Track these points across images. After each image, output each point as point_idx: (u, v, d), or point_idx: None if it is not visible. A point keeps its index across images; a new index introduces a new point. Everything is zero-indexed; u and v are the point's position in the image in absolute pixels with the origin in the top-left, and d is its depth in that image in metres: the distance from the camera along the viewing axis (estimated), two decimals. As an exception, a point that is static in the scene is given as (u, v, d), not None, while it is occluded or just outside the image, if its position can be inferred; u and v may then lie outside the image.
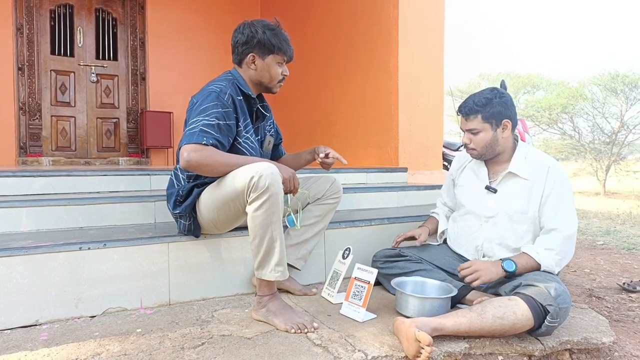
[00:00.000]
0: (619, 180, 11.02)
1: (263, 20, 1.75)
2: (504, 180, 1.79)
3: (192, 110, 1.66)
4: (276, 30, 1.74)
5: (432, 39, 3.71)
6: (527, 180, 1.74)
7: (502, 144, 1.78)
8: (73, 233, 1.89)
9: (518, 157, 1.78)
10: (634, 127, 11.17)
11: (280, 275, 1.59)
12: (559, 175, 1.71)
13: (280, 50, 1.75)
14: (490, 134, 1.75)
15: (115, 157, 5.14)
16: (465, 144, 1.81)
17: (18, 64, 4.65)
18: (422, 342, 1.30)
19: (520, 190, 1.75)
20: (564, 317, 1.47)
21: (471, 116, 1.76)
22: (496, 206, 1.79)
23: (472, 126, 1.76)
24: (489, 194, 1.81)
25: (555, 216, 1.68)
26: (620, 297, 2.32)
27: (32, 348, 1.38)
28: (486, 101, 1.74)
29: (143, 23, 5.23)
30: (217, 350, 1.37)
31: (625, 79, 10.98)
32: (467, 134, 1.79)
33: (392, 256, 1.96)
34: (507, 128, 1.76)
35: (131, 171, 2.50)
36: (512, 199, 1.76)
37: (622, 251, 3.53)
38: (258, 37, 1.71)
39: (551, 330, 1.48)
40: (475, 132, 1.76)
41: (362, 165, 3.81)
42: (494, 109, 1.74)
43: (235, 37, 1.76)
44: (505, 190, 1.78)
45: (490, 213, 1.80)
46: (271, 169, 1.53)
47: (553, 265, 1.64)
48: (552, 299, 1.44)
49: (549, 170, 1.72)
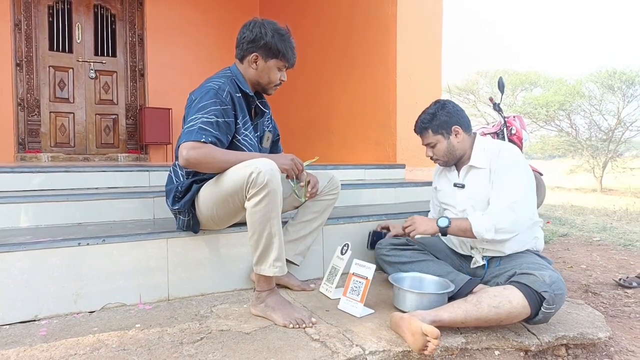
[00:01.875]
0: (615, 177, 11.03)
1: (274, 23, 1.75)
2: (467, 175, 1.87)
3: (191, 107, 1.66)
4: (285, 36, 1.74)
5: (430, 35, 3.71)
6: (484, 168, 1.81)
7: (460, 147, 1.87)
8: (72, 229, 1.90)
9: (477, 150, 1.86)
10: (630, 124, 11.18)
11: (278, 271, 1.60)
12: (507, 155, 1.77)
13: (284, 57, 1.75)
14: (445, 143, 1.87)
15: (114, 154, 5.14)
16: (430, 157, 1.94)
17: (16, 60, 4.64)
18: (430, 335, 1.31)
19: (481, 180, 1.82)
20: (559, 304, 1.48)
21: (423, 133, 1.91)
22: (465, 200, 1.87)
23: (427, 141, 1.90)
24: (459, 190, 1.90)
25: (498, 188, 1.74)
26: (616, 293, 2.33)
27: (31, 343, 1.38)
28: (431, 117, 1.88)
29: (142, 19, 5.22)
30: (215, 345, 1.38)
31: (622, 76, 10.97)
32: (427, 149, 1.93)
33: (399, 244, 2.01)
34: (459, 133, 1.86)
35: (130, 167, 2.50)
36: (476, 190, 1.83)
37: (618, 247, 3.55)
38: (266, 39, 1.71)
39: (548, 317, 1.49)
40: (432, 145, 1.90)
41: (360, 161, 3.82)
42: (440, 120, 1.86)
43: (243, 33, 1.76)
44: (470, 183, 1.87)
45: (460, 207, 1.89)
46: (270, 165, 1.53)
47: (483, 230, 1.68)
48: (547, 285, 1.46)
49: (499, 154, 1.78)
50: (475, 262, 1.87)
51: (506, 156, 1.77)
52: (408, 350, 1.38)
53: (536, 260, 1.71)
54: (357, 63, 3.95)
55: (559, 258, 3.14)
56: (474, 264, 1.88)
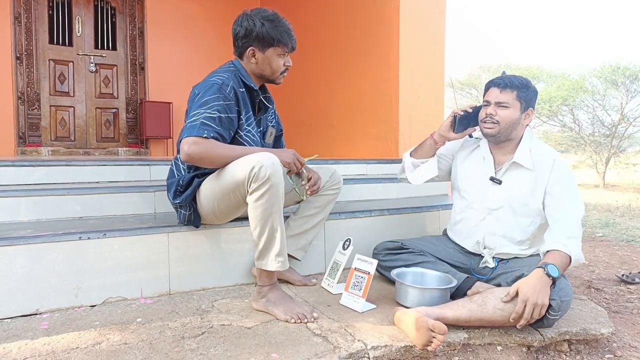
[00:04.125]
0: (618, 173, 11.02)
1: (262, 11, 1.71)
2: (508, 171, 1.78)
3: (194, 101, 1.64)
4: (276, 21, 1.69)
5: (433, 29, 3.68)
6: (532, 171, 1.73)
7: (519, 130, 1.76)
8: (73, 223, 1.89)
9: (523, 148, 1.76)
10: (634, 119, 11.14)
11: (280, 266, 1.59)
12: (565, 167, 1.72)
13: (280, 42, 1.71)
14: (516, 114, 1.72)
15: (114, 148, 5.13)
16: (490, 115, 1.73)
17: (16, 53, 4.62)
18: (437, 331, 1.31)
19: (524, 182, 1.74)
20: (565, 310, 1.47)
21: (507, 89, 1.72)
22: (501, 199, 1.77)
23: (504, 99, 1.72)
24: (493, 185, 1.79)
25: (567, 204, 1.66)
26: (619, 289, 2.33)
27: (32, 337, 1.38)
28: (525, 82, 1.73)
29: (142, 12, 5.19)
30: (217, 340, 1.37)
31: (626, 72, 10.93)
32: (493, 106, 1.73)
33: (394, 249, 1.95)
34: (529, 117, 1.76)
35: (131, 161, 2.49)
36: (517, 191, 1.74)
37: (621, 243, 3.54)
38: (257, 30, 1.67)
39: (552, 323, 1.49)
40: (505, 106, 1.72)
41: (362, 156, 3.81)
42: (529, 93, 1.73)
43: (235, 30, 1.73)
44: (510, 182, 1.76)
45: (494, 205, 1.78)
46: (272, 159, 1.52)
47: (580, 253, 1.58)
48: (555, 292, 1.44)
49: (555, 163, 1.72)
50: (485, 262, 1.82)
51: (564, 168, 1.72)
52: (410, 345, 1.38)
53: None
54: (359, 57, 3.92)
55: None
56: (483, 264, 1.83)
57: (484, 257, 1.83)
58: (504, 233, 1.78)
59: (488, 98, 1.76)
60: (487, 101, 1.77)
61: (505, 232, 1.78)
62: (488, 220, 1.81)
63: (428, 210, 2.49)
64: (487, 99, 1.77)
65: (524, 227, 1.76)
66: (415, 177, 1.97)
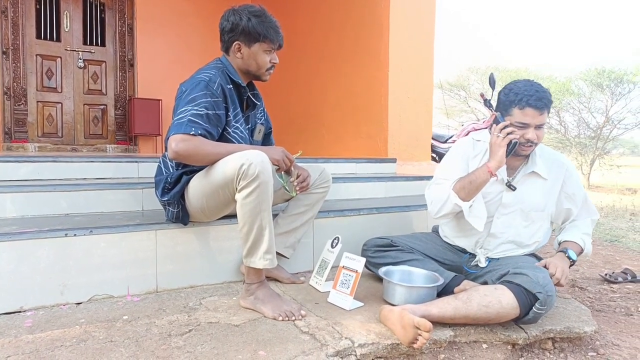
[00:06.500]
0: (602, 175, 11.18)
1: (249, 6, 1.71)
2: (524, 179, 1.77)
3: (181, 99, 1.63)
4: (262, 17, 1.70)
5: (422, 30, 3.70)
6: (547, 180, 1.77)
7: None
8: (59, 219, 1.87)
9: (539, 156, 1.77)
10: (618, 122, 11.31)
11: (268, 263, 1.59)
12: (574, 171, 1.85)
13: (266, 38, 1.71)
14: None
15: (102, 144, 5.07)
16: (531, 141, 1.65)
17: (2, 48, 4.54)
18: (422, 328, 1.32)
19: (538, 189, 1.77)
20: (550, 306, 1.49)
21: (546, 110, 1.63)
22: (514, 203, 1.76)
23: (543, 120, 1.64)
24: (507, 191, 1.76)
25: (584, 205, 1.85)
26: (602, 288, 2.37)
27: (16, 335, 1.36)
28: (550, 94, 1.66)
29: (131, 8, 5.14)
30: (204, 337, 1.37)
31: (611, 75, 11.08)
32: (534, 130, 1.63)
33: (383, 246, 1.96)
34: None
35: (119, 158, 2.47)
36: (533, 198, 1.76)
37: (604, 243, 3.60)
38: (242, 24, 1.68)
39: (538, 318, 1.50)
40: (542, 126, 1.65)
41: (351, 155, 3.82)
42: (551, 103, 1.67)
43: (221, 25, 1.73)
44: (526, 190, 1.76)
45: (508, 209, 1.77)
46: (261, 156, 1.52)
47: (590, 249, 1.80)
48: (541, 286, 1.46)
49: (567, 170, 1.82)
50: (477, 261, 1.82)
51: (574, 172, 1.84)
52: (397, 343, 1.39)
53: (531, 260, 1.72)
54: (349, 56, 3.93)
55: (547, 253, 3.15)
56: (474, 263, 1.83)
57: (476, 257, 1.83)
58: (512, 237, 1.79)
59: (525, 120, 1.62)
60: (524, 124, 1.63)
61: (514, 236, 1.78)
62: (495, 222, 1.79)
63: (416, 210, 2.50)
64: (523, 122, 1.63)
65: (532, 231, 1.79)
66: (479, 223, 1.74)
